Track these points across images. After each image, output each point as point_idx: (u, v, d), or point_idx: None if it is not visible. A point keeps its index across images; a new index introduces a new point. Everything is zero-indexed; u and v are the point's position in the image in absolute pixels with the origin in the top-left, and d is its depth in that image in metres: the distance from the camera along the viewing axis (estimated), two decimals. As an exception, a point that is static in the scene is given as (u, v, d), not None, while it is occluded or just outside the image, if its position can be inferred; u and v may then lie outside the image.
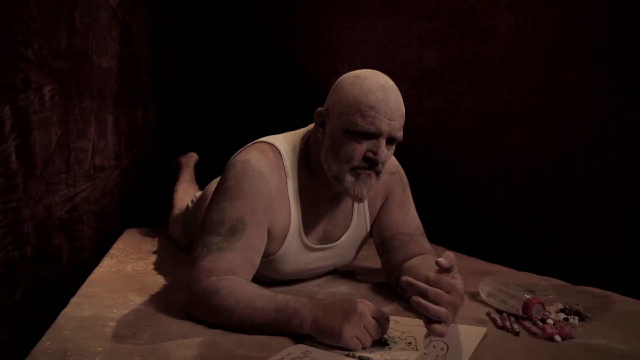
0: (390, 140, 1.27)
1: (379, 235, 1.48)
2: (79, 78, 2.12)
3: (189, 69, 2.99)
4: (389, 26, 2.42)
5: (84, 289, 1.45)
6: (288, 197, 1.35)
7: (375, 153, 1.24)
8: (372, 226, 1.50)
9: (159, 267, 1.71)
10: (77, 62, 2.10)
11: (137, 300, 1.34)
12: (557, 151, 1.78)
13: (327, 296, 1.38)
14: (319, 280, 1.53)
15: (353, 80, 1.27)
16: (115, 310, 1.26)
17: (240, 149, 1.38)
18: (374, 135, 1.24)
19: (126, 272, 1.64)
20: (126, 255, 1.86)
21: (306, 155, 1.38)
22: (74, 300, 1.34)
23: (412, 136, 2.42)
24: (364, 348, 1.01)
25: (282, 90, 2.85)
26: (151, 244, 2.06)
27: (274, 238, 1.35)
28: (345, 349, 1.01)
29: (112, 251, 1.93)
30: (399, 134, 1.27)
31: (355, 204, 1.46)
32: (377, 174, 1.28)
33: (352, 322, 1.01)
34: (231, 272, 1.20)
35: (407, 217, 1.48)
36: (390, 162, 1.45)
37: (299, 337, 1.07)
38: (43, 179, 1.85)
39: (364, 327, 1.01)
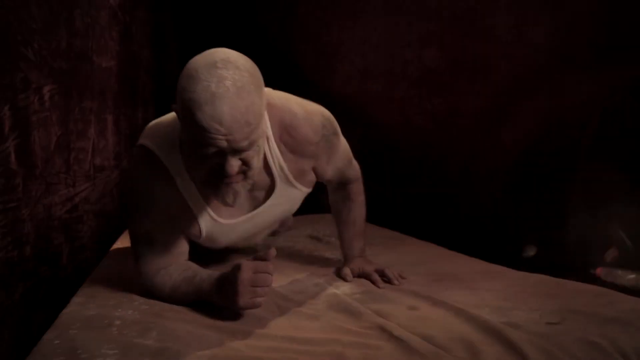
0: (237, 152, 1.12)
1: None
2: (79, 78, 2.12)
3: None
4: (389, 26, 2.42)
5: (86, 289, 1.45)
6: (183, 197, 1.32)
7: (222, 167, 1.13)
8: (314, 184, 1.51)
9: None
10: (77, 62, 2.10)
11: (140, 299, 1.34)
12: (557, 151, 1.78)
13: (326, 297, 1.38)
14: (320, 280, 1.52)
15: (185, 83, 1.11)
16: (120, 310, 1.26)
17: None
18: (215, 154, 1.12)
19: (127, 272, 1.64)
20: (126, 255, 1.86)
21: None
22: (77, 299, 1.35)
23: (412, 136, 2.44)
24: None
25: (282, 90, 2.85)
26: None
27: (192, 230, 1.38)
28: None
29: (112, 251, 1.92)
30: (244, 144, 1.10)
31: (274, 169, 1.36)
32: (244, 175, 1.17)
33: (239, 291, 1.16)
34: (163, 267, 1.36)
35: (334, 164, 1.51)
36: (314, 130, 1.38)
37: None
38: (43, 179, 1.85)
39: (254, 285, 1.17)
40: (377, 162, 2.56)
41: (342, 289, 1.45)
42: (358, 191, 1.62)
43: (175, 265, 1.38)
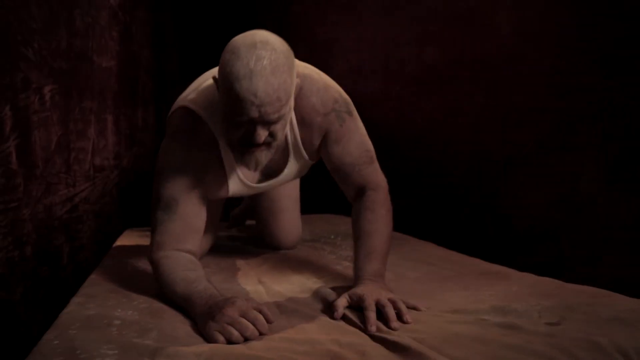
0: (266, 123, 1.24)
1: (328, 167, 1.54)
2: (79, 78, 2.12)
3: (189, 69, 2.99)
4: (385, 24, 2.41)
5: (85, 289, 1.45)
6: (221, 158, 1.44)
7: (251, 135, 1.25)
8: (318, 158, 1.55)
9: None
10: (77, 62, 2.10)
11: (140, 299, 1.34)
12: (561, 152, 1.78)
13: (325, 297, 1.38)
14: (320, 280, 1.52)
15: (228, 58, 1.23)
16: (119, 310, 1.26)
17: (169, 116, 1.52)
18: (247, 122, 1.24)
19: (127, 272, 1.64)
20: (126, 255, 1.86)
21: None
22: (76, 299, 1.34)
23: (412, 135, 2.44)
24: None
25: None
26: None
27: (221, 190, 1.49)
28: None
29: (112, 251, 1.93)
30: (273, 117, 1.23)
31: (290, 143, 1.47)
32: (267, 146, 1.29)
33: (215, 319, 1.11)
34: (176, 242, 1.38)
35: (346, 148, 1.47)
36: (323, 101, 1.44)
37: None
38: (43, 179, 1.85)
39: (231, 323, 1.09)
40: (380, 163, 2.56)
41: (340, 290, 1.44)
42: (379, 201, 1.46)
43: (186, 259, 1.37)
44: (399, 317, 1.18)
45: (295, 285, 1.49)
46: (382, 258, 1.39)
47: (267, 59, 1.20)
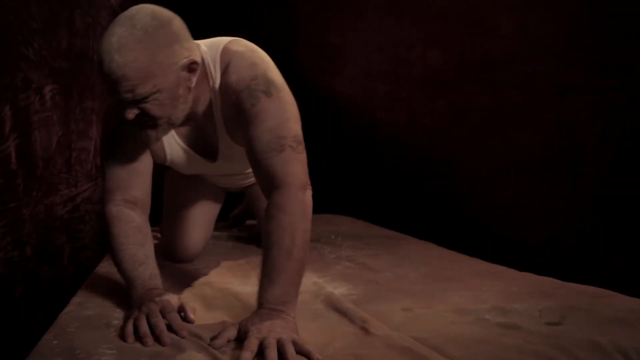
0: (131, 102, 1.19)
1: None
2: (79, 78, 2.12)
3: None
4: (392, 27, 2.42)
5: (85, 289, 1.45)
6: None
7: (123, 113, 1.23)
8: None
9: (160, 266, 1.70)
10: (77, 62, 2.10)
11: (138, 299, 1.34)
12: (562, 151, 1.78)
13: (324, 297, 1.38)
14: (319, 280, 1.52)
15: (103, 36, 1.19)
16: (118, 310, 1.26)
17: None
18: (119, 100, 1.21)
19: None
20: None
21: None
22: (76, 299, 1.35)
23: (418, 136, 2.44)
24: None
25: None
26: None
27: (160, 153, 1.46)
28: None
29: (112, 251, 1.92)
30: (129, 96, 1.18)
31: (216, 121, 1.38)
32: (153, 126, 1.26)
33: (132, 316, 1.14)
34: (124, 188, 1.39)
35: (256, 131, 1.26)
36: (241, 78, 1.30)
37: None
38: (44, 179, 1.85)
39: (148, 322, 1.11)
40: (381, 163, 2.56)
41: (340, 290, 1.44)
42: (283, 205, 1.18)
43: (136, 228, 1.37)
44: None
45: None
46: (286, 280, 1.13)
47: (115, 36, 1.15)
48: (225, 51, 1.33)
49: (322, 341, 1.09)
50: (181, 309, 1.20)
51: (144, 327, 1.10)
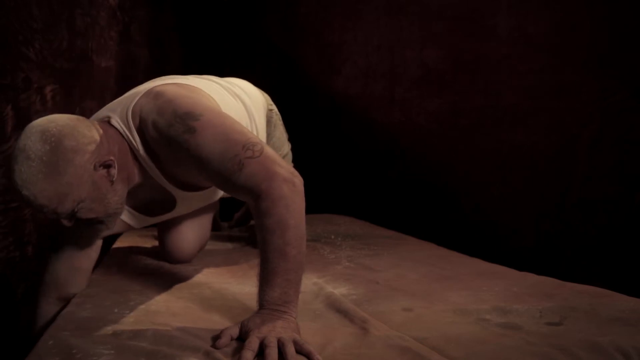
0: (61, 217, 1.22)
1: None
2: (80, 78, 2.12)
3: (189, 69, 2.99)
4: (390, 26, 2.42)
5: (85, 289, 1.45)
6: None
7: None
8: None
9: (158, 267, 1.71)
10: (78, 62, 2.10)
11: (138, 299, 1.34)
12: (557, 151, 1.79)
13: (324, 297, 1.38)
14: (319, 280, 1.52)
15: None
16: (116, 310, 1.26)
17: None
18: None
19: (126, 272, 1.64)
20: (126, 256, 1.86)
21: None
22: (75, 300, 1.35)
23: (414, 136, 2.44)
24: None
25: (284, 91, 2.85)
26: (151, 244, 2.06)
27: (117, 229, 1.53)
28: None
29: (111, 252, 1.92)
30: (54, 216, 1.20)
31: (160, 182, 1.39)
32: (97, 221, 1.30)
33: None
34: (62, 286, 1.48)
35: (209, 168, 1.22)
36: (158, 131, 1.26)
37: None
38: (44, 179, 1.85)
39: None
40: (379, 162, 2.57)
41: (340, 290, 1.44)
42: (267, 211, 1.15)
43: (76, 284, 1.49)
44: None
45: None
46: (283, 280, 1.12)
47: (17, 173, 1.14)
48: (134, 112, 1.31)
49: (322, 341, 1.09)
50: None
51: None
